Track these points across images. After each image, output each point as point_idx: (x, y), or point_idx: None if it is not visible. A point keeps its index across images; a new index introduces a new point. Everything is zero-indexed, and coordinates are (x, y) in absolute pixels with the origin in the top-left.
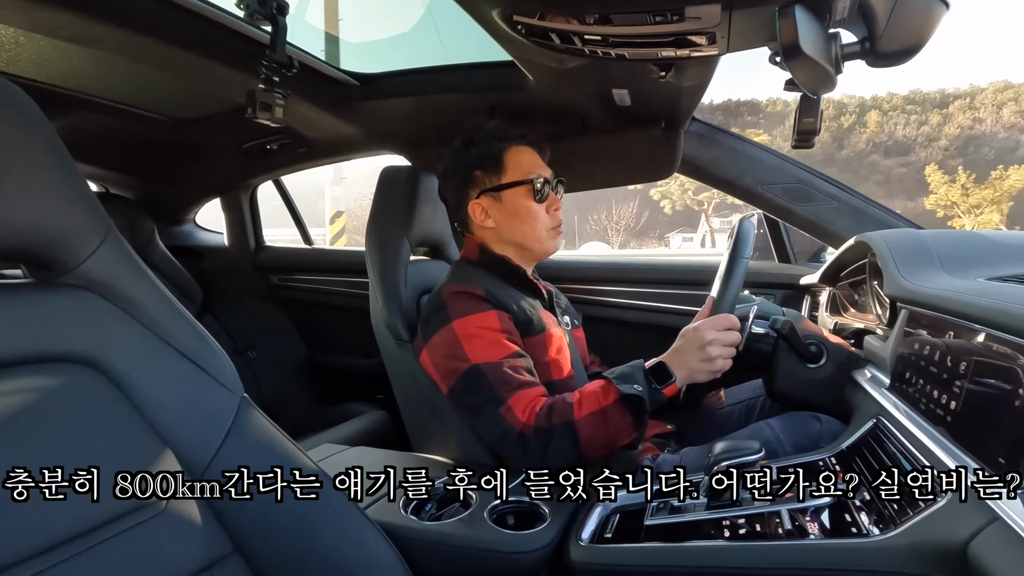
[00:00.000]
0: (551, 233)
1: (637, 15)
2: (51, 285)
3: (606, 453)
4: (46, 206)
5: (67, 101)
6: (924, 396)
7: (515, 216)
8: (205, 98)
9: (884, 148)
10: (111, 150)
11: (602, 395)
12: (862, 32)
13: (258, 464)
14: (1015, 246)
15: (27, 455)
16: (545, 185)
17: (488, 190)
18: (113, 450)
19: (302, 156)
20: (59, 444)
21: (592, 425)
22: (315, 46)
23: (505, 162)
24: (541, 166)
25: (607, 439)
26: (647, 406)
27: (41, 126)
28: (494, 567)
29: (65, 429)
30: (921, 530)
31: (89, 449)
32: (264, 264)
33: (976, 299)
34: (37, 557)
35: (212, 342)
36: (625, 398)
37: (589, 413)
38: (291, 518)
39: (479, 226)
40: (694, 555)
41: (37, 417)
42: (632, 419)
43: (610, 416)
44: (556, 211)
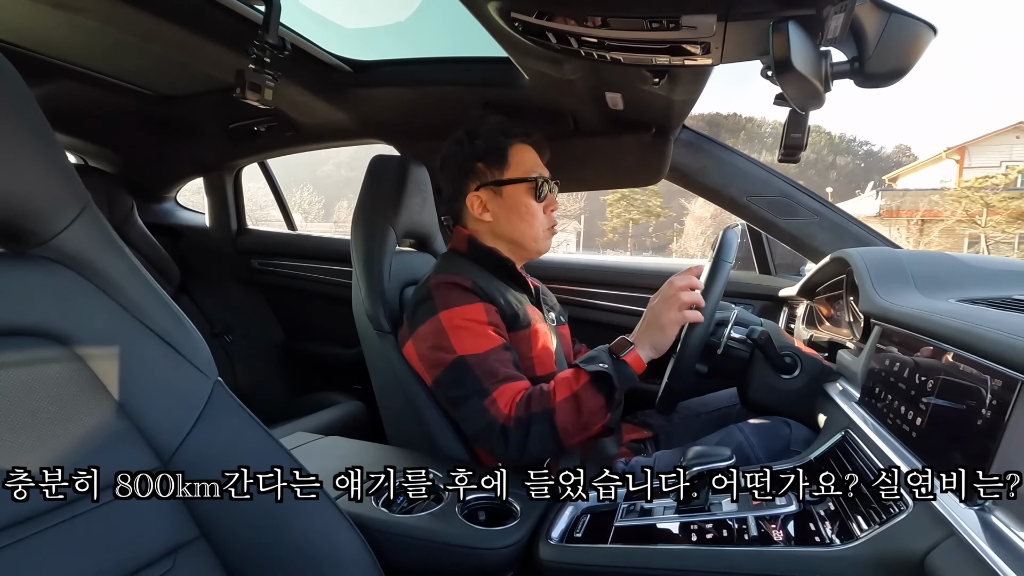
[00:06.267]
0: (546, 233)
1: (634, 20)
2: (23, 257)
3: (582, 439)
4: (21, 174)
5: (49, 69)
6: (891, 411)
7: (514, 212)
8: (193, 74)
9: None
10: (92, 121)
11: (573, 380)
12: (852, 52)
13: (228, 450)
14: (986, 270)
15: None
16: (545, 185)
17: (489, 183)
18: (79, 429)
19: (290, 140)
20: (23, 420)
21: (567, 410)
22: (309, 29)
23: (509, 158)
24: (541, 166)
25: (583, 423)
26: (615, 382)
27: (20, 92)
28: (463, 562)
29: (29, 405)
30: (881, 541)
31: (54, 427)
32: (245, 247)
33: (947, 320)
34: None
35: (188, 323)
36: (594, 378)
37: (563, 399)
38: (259, 505)
39: (474, 218)
40: (662, 558)
41: (3, 391)
42: (604, 400)
43: (583, 398)
44: (552, 211)
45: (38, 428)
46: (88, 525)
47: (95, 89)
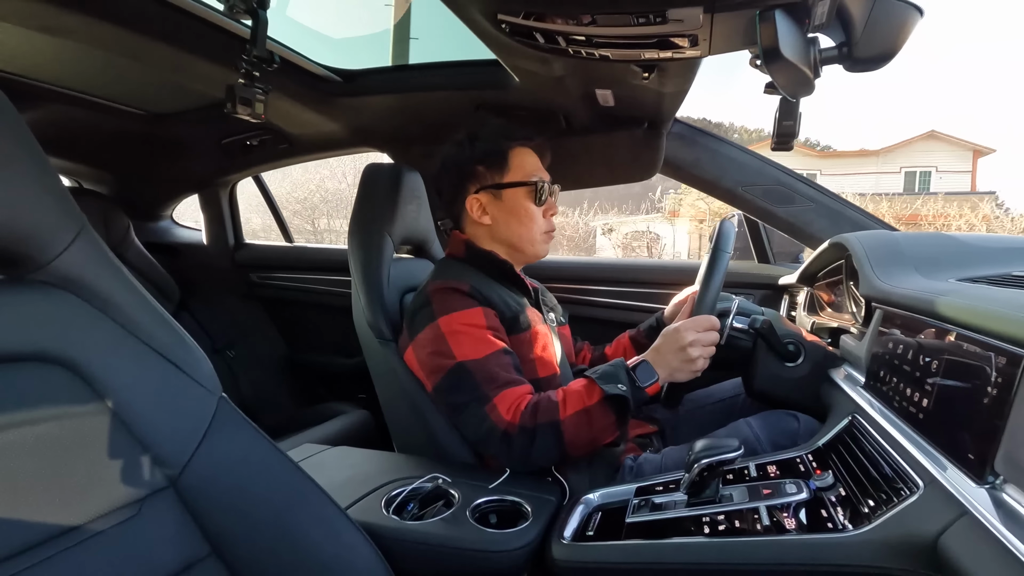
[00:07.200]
0: (544, 237)
1: (620, 16)
2: (21, 282)
3: (589, 451)
4: (16, 200)
5: (39, 93)
6: (897, 394)
7: (513, 216)
8: (183, 92)
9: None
10: (85, 144)
11: (586, 394)
12: (840, 37)
13: (236, 466)
14: (985, 248)
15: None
16: (545, 188)
17: (489, 186)
18: (87, 452)
19: (283, 152)
20: (31, 446)
21: (576, 424)
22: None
23: (510, 161)
24: (542, 169)
25: (591, 438)
26: (631, 405)
27: (11, 118)
28: (477, 566)
29: (37, 430)
30: (893, 525)
31: (62, 451)
32: (243, 261)
33: (948, 299)
34: (6, 561)
35: (189, 341)
36: (609, 398)
37: (574, 412)
38: (270, 519)
39: (473, 222)
40: (675, 552)
41: (8, 418)
42: (615, 418)
43: (594, 415)
44: (552, 215)
45: (43, 453)
46: (98, 548)
47: (86, 111)
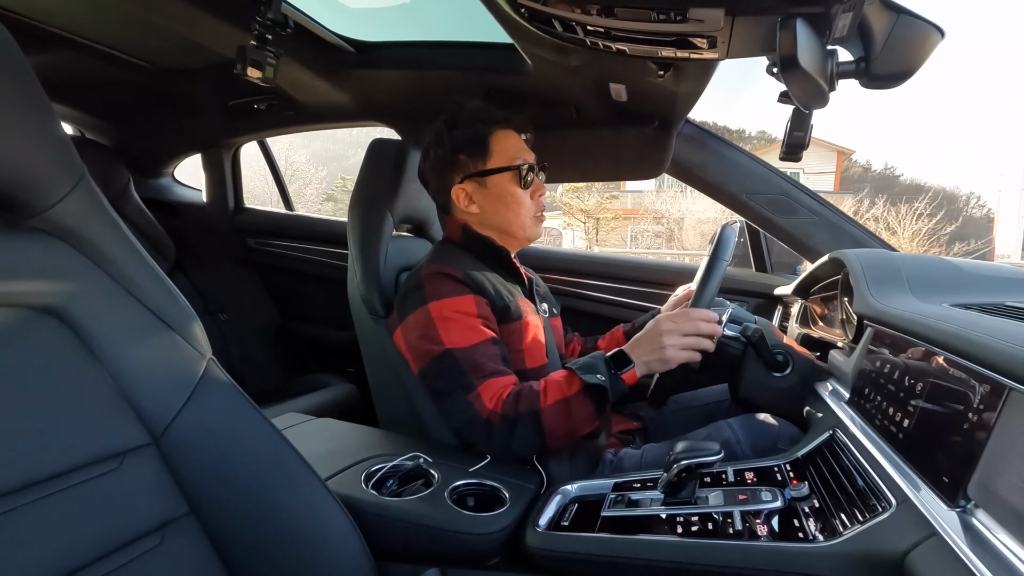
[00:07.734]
0: (535, 220)
1: (640, 11)
2: (16, 228)
3: (568, 442)
4: (16, 143)
5: (48, 38)
6: (880, 412)
7: (500, 202)
8: (193, 49)
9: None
10: (90, 93)
11: (566, 384)
12: (859, 52)
13: (220, 428)
14: (980, 275)
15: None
16: (530, 171)
17: (473, 175)
18: (71, 403)
19: (290, 119)
20: (14, 392)
21: (556, 414)
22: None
23: (491, 146)
24: (525, 150)
25: (570, 428)
26: (609, 395)
27: (16, 60)
28: (451, 546)
29: (22, 377)
30: (863, 540)
31: (45, 399)
32: (242, 226)
33: (939, 324)
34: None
35: (182, 300)
36: (588, 387)
37: (554, 402)
38: (249, 484)
39: (462, 211)
40: (647, 548)
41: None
42: (595, 408)
43: (573, 405)
44: (540, 196)
45: (29, 400)
46: (76, 499)
47: (93, 60)
